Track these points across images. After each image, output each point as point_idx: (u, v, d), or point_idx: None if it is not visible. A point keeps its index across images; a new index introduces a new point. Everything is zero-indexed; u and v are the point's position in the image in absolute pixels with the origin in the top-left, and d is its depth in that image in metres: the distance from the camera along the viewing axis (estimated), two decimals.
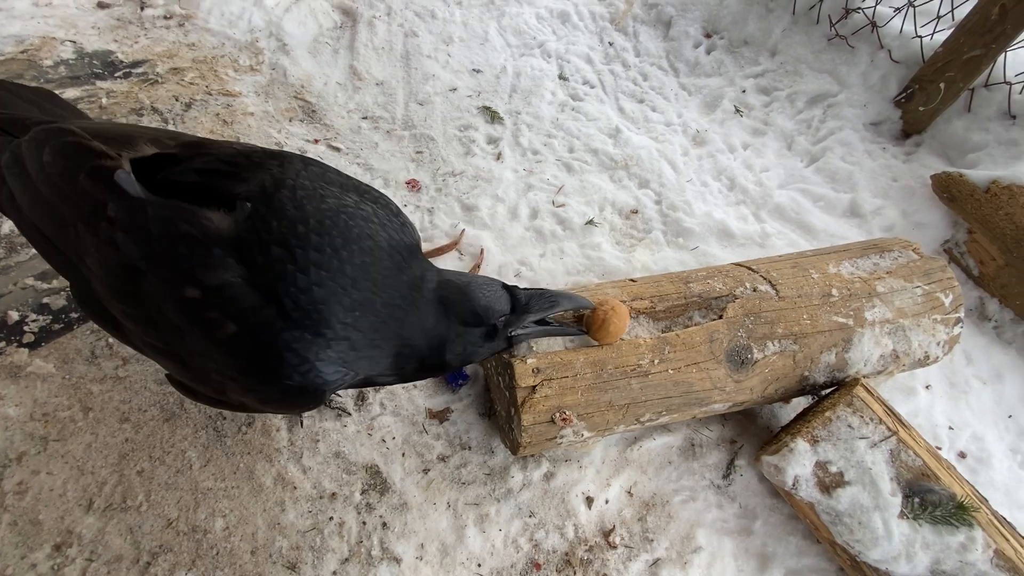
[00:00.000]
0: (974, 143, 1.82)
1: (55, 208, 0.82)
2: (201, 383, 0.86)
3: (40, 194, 0.82)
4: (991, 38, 1.67)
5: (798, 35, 2.16)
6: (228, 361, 0.78)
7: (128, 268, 0.77)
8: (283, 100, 1.96)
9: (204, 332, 0.76)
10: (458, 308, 0.94)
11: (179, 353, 0.81)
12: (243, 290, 0.76)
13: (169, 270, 0.76)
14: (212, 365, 0.80)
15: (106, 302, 0.83)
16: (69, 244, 0.82)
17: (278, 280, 0.77)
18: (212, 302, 0.75)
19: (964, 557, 1.08)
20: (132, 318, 0.81)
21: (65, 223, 0.81)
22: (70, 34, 1.97)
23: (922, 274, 1.38)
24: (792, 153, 2.02)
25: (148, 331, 0.81)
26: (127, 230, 0.76)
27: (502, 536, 1.23)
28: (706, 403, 1.23)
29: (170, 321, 0.77)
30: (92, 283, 0.83)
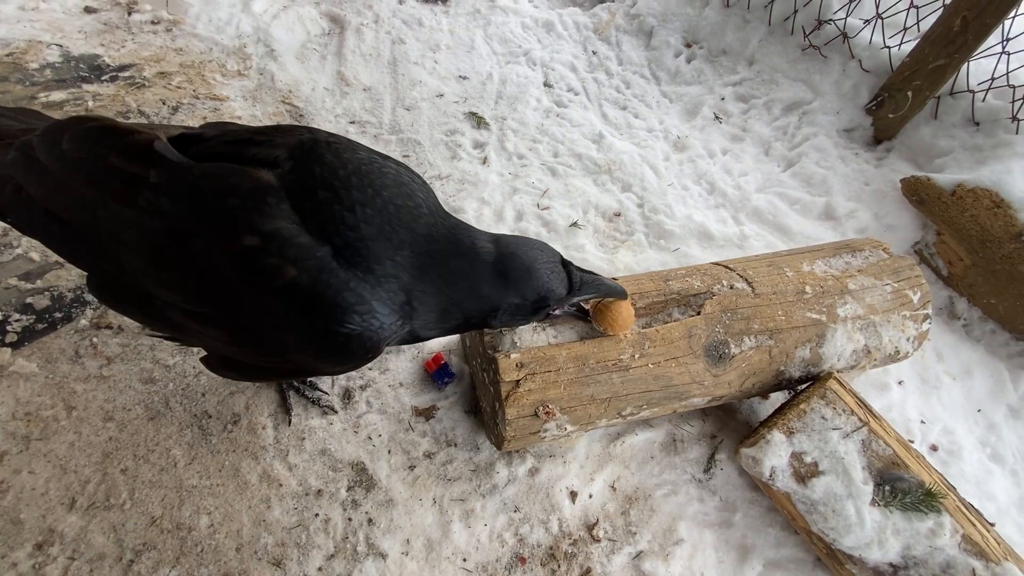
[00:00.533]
0: (941, 148, 1.90)
1: (78, 192, 0.82)
2: (256, 345, 0.85)
3: (60, 182, 0.83)
4: (954, 48, 1.75)
5: (774, 45, 2.24)
6: (288, 309, 0.79)
7: (175, 233, 0.78)
8: (271, 104, 1.98)
9: (263, 282, 0.77)
10: (521, 284, 0.94)
11: (232, 315, 0.81)
12: (299, 233, 0.78)
13: (224, 223, 0.77)
14: (270, 320, 0.80)
15: (144, 278, 0.83)
16: (96, 226, 0.82)
17: (327, 221, 0.79)
18: (271, 247, 0.76)
19: (933, 542, 1.11)
20: (176, 287, 0.81)
21: (91, 205, 0.81)
22: (56, 38, 1.97)
23: (891, 272, 1.43)
24: (769, 158, 2.08)
25: (196, 298, 0.81)
26: (174, 194, 0.78)
27: (487, 531, 1.25)
28: (686, 397, 1.26)
29: (223, 280, 0.78)
30: (126, 260, 0.82)
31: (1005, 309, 1.72)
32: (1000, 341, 1.75)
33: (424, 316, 0.90)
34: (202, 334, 0.88)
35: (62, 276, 1.40)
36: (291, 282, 0.77)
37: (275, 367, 0.92)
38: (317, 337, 0.82)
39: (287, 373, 0.98)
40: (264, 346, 0.85)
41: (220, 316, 0.82)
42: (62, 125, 0.86)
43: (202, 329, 0.85)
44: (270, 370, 0.95)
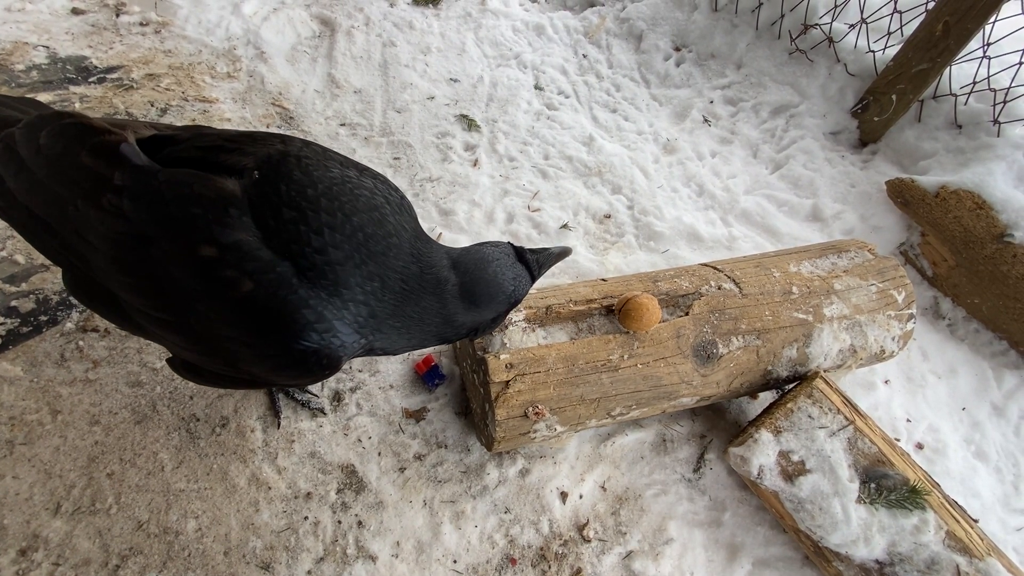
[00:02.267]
0: (924, 151, 1.93)
1: (52, 189, 0.81)
2: (212, 355, 0.84)
3: (36, 177, 0.82)
4: (936, 53, 1.78)
5: (761, 49, 2.27)
6: (244, 323, 0.78)
7: (136, 237, 0.77)
8: (261, 107, 1.97)
9: (220, 293, 0.76)
10: (492, 303, 0.94)
11: (189, 323, 0.80)
12: (259, 247, 0.76)
13: (183, 231, 0.76)
14: (226, 331, 0.79)
15: (108, 279, 0.82)
16: (67, 224, 0.81)
17: (292, 241, 0.78)
18: (229, 259, 0.75)
19: (918, 539, 1.13)
20: (138, 291, 0.80)
21: (63, 203, 0.80)
22: (43, 39, 1.96)
23: (876, 272, 1.45)
24: (757, 161, 2.11)
25: (155, 303, 0.80)
26: (136, 198, 0.77)
27: (478, 532, 1.25)
28: (674, 397, 1.27)
29: (182, 287, 0.77)
30: (93, 261, 0.82)
31: (988, 309, 1.75)
32: (984, 340, 1.78)
33: (397, 341, 0.90)
34: (163, 338, 0.87)
35: (47, 279, 1.39)
36: (248, 295, 0.76)
37: (234, 376, 0.90)
38: (273, 352, 0.81)
39: (245, 383, 0.97)
40: (219, 356, 0.83)
41: (178, 323, 0.81)
42: (43, 119, 0.84)
43: (163, 334, 0.84)
44: (229, 378, 0.93)
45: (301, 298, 0.78)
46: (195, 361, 0.91)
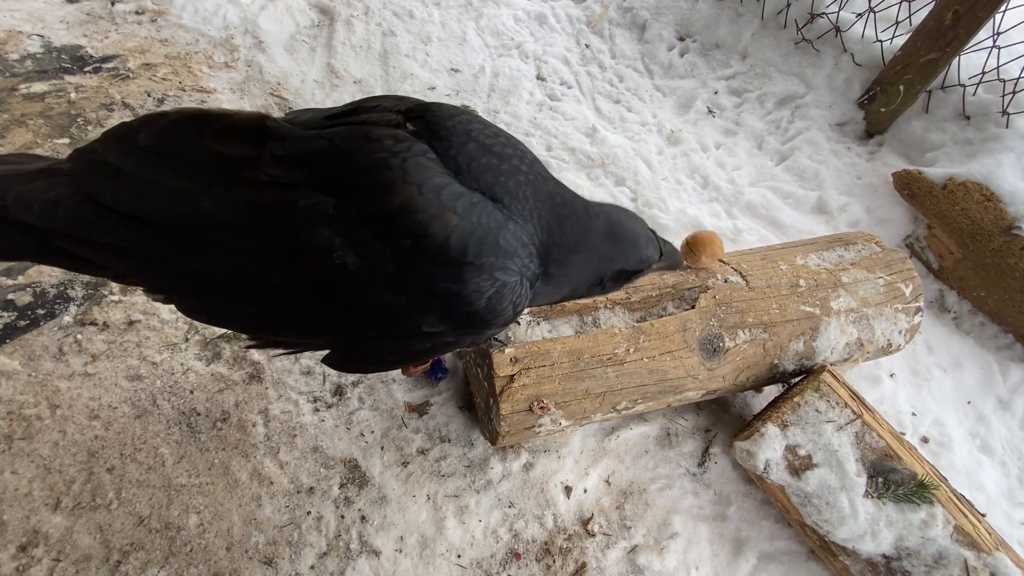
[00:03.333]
0: (932, 142, 1.91)
1: (170, 186, 0.73)
2: (400, 318, 0.79)
3: (145, 180, 0.73)
4: (945, 42, 1.76)
5: (767, 39, 2.23)
6: (449, 263, 0.75)
7: (306, 209, 0.71)
8: (259, 97, 1.94)
9: (423, 235, 0.73)
10: (629, 252, 0.94)
11: (373, 292, 0.76)
12: (452, 181, 0.75)
13: (375, 179, 0.72)
14: (420, 280, 0.76)
15: (258, 268, 0.74)
16: (196, 219, 0.73)
17: (479, 175, 0.78)
18: (430, 197, 0.73)
19: (926, 533, 1.12)
20: (305, 275, 0.74)
21: (190, 197, 0.72)
22: (37, 28, 1.92)
23: (884, 265, 1.44)
24: (762, 152, 2.08)
25: (326, 284, 0.75)
26: (306, 161, 0.72)
27: (482, 527, 1.24)
28: (680, 391, 1.26)
29: (370, 248, 0.73)
30: (239, 250, 0.74)
31: (994, 302, 1.74)
32: (989, 334, 1.77)
33: (552, 281, 0.89)
34: (323, 327, 0.82)
35: (44, 272, 1.37)
36: (455, 229, 0.73)
37: (404, 352, 0.88)
38: (475, 289, 0.78)
39: (414, 355, 0.92)
40: (412, 314, 0.79)
41: (354, 300, 0.77)
42: (130, 126, 0.77)
43: (327, 320, 0.80)
44: (399, 356, 0.90)
45: (503, 219, 0.78)
46: (357, 347, 0.86)
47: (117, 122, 1.71)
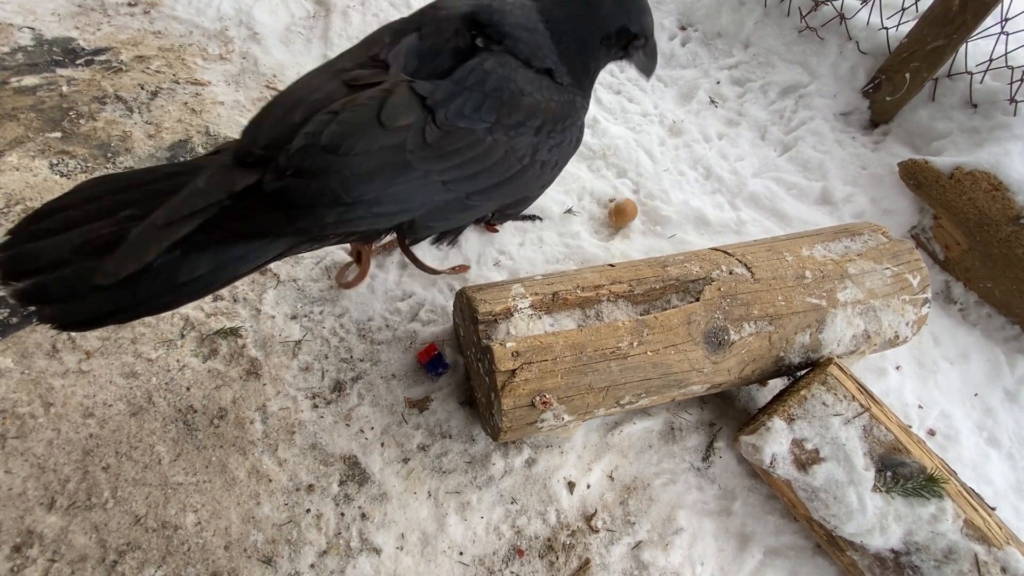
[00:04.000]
0: (938, 131, 1.88)
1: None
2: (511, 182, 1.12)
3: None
4: (952, 29, 1.72)
5: (770, 27, 2.20)
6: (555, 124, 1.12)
7: None
8: (254, 89, 1.91)
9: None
10: (633, 8, 1.19)
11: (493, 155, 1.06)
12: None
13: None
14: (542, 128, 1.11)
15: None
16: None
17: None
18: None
19: (935, 528, 1.10)
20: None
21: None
22: (28, 20, 1.89)
23: (891, 256, 1.41)
24: (765, 143, 2.05)
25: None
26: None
27: (484, 523, 1.22)
28: (685, 385, 1.24)
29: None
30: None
31: (1001, 293, 1.72)
32: (996, 325, 1.75)
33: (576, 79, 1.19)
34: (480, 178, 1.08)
35: None
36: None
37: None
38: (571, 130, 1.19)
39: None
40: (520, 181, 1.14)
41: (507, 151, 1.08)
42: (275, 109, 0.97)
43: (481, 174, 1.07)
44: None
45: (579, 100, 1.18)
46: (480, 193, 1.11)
47: (110, 115, 1.68)
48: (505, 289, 1.20)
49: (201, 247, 0.83)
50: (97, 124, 1.67)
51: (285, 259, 1.48)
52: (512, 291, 1.19)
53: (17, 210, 1.43)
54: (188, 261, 0.82)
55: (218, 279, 0.86)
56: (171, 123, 1.73)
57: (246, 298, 1.42)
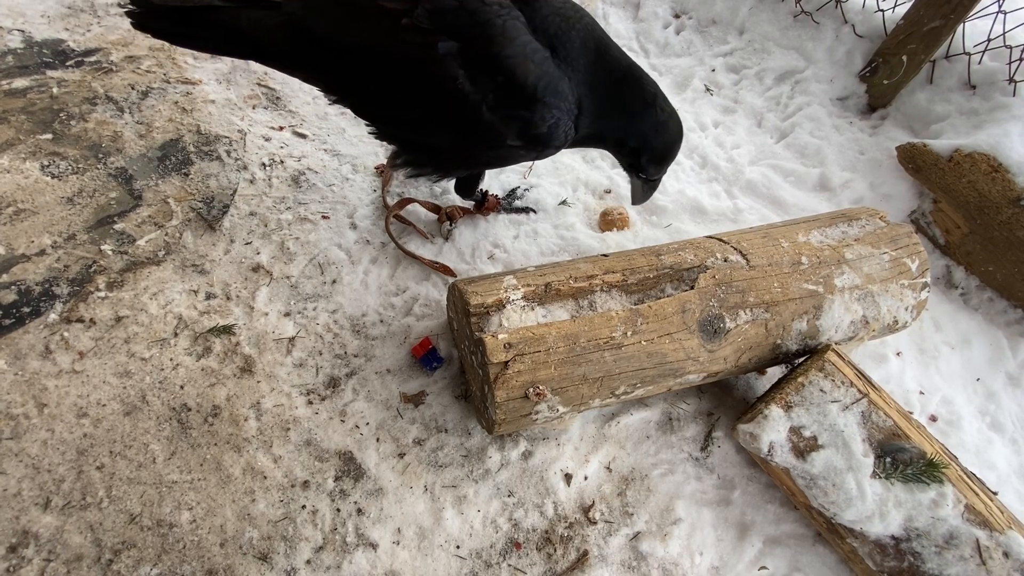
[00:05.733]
0: (937, 114, 1.85)
1: (355, 27, 1.12)
2: (492, 131, 1.16)
3: (337, 21, 1.12)
4: (949, 9, 1.70)
5: (764, 13, 2.17)
6: (515, 94, 1.12)
7: (442, 49, 1.08)
8: (246, 87, 1.90)
9: (507, 72, 1.10)
10: (658, 145, 1.29)
11: (478, 111, 1.13)
12: (533, 40, 1.12)
13: (483, 31, 1.08)
14: (506, 106, 1.14)
15: (404, 87, 1.14)
16: (368, 49, 1.12)
17: (551, 36, 1.15)
18: (516, 48, 1.09)
19: (936, 513, 1.09)
20: (436, 93, 1.12)
21: (364, 34, 1.12)
22: (18, 23, 1.89)
23: (889, 240, 1.40)
24: (762, 130, 2.03)
25: (449, 101, 1.13)
26: (442, 13, 1.07)
27: (481, 517, 1.22)
28: (681, 374, 1.23)
29: (478, 80, 1.10)
30: (387, 77, 1.14)
31: (1003, 276, 1.69)
32: (998, 309, 1.72)
33: (584, 122, 1.23)
34: (443, 131, 1.20)
35: (29, 269, 1.35)
36: (531, 73, 1.10)
37: (495, 157, 1.29)
38: (535, 123, 1.15)
39: (501, 160, 1.34)
40: (495, 135, 1.17)
41: (449, 110, 1.14)
42: None
43: (445, 125, 1.18)
44: (489, 160, 1.32)
45: (560, 73, 1.14)
46: (453, 150, 1.26)
47: (101, 115, 1.68)
48: (497, 281, 1.19)
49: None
50: (88, 125, 1.66)
51: (277, 258, 1.48)
52: (504, 283, 1.18)
53: (8, 212, 1.43)
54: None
55: None
56: (162, 122, 1.72)
57: (239, 296, 1.42)
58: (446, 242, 1.60)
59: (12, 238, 1.39)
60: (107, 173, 1.56)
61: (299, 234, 1.55)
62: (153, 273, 1.41)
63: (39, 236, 1.41)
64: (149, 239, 1.47)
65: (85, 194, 1.51)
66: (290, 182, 1.67)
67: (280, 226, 1.56)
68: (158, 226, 1.49)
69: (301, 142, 1.79)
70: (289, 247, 1.52)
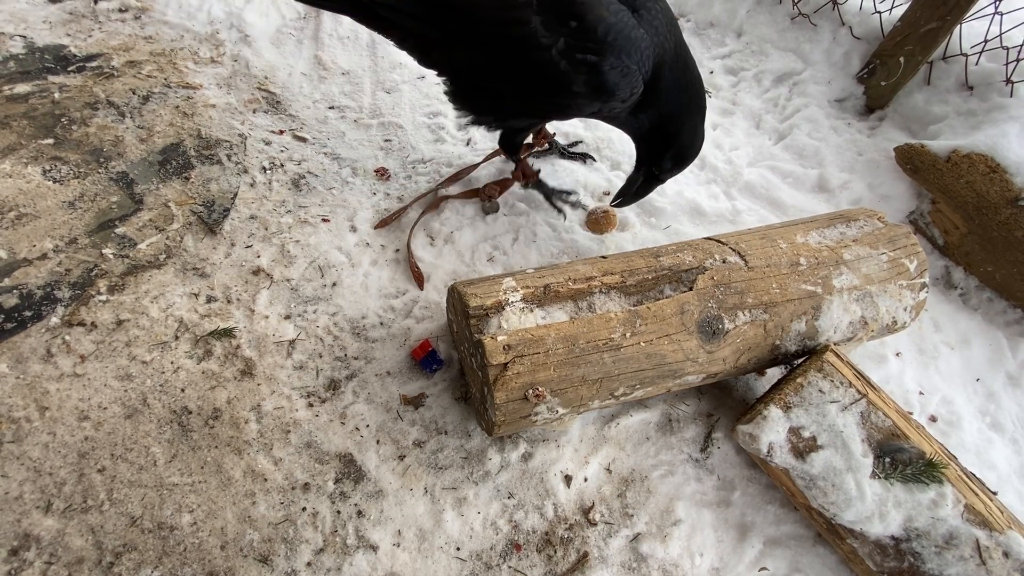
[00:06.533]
0: (935, 115, 1.86)
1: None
2: (562, 76, 1.20)
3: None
4: (946, 10, 1.70)
5: (762, 15, 2.18)
6: (595, 37, 1.16)
7: (523, 3, 1.16)
8: (246, 91, 1.91)
9: (582, 18, 1.15)
10: (677, 142, 1.38)
11: (549, 54, 1.18)
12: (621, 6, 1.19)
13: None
14: (576, 51, 1.18)
15: (491, 35, 1.21)
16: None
17: (638, 4, 1.21)
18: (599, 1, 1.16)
19: (935, 513, 1.09)
20: (515, 38, 1.19)
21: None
22: (20, 29, 1.90)
23: (887, 241, 1.40)
24: (760, 131, 2.04)
25: (526, 46, 1.18)
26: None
27: (481, 519, 1.22)
28: (680, 375, 1.23)
29: (552, 26, 1.16)
30: (479, 26, 1.21)
31: (1002, 276, 1.70)
32: (997, 309, 1.73)
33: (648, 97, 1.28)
34: (518, 76, 1.25)
35: (31, 273, 1.35)
36: (602, 19, 1.15)
37: (560, 104, 1.30)
38: (602, 69, 1.18)
39: (564, 109, 1.34)
40: (561, 80, 1.20)
41: (538, 66, 1.20)
42: None
43: (520, 69, 1.23)
44: (555, 107, 1.33)
45: (635, 25, 1.18)
46: (509, 90, 1.31)
47: (102, 120, 1.69)
48: (496, 283, 1.19)
49: None
50: (89, 130, 1.67)
51: (277, 261, 1.49)
52: (503, 284, 1.19)
53: (10, 216, 1.44)
54: None
55: None
56: (163, 127, 1.73)
57: (240, 299, 1.42)
58: (494, 217, 1.68)
59: (14, 242, 1.40)
60: (108, 177, 1.57)
61: (299, 237, 1.56)
62: (154, 276, 1.42)
63: (41, 240, 1.41)
64: (150, 243, 1.47)
65: (86, 198, 1.52)
66: (290, 185, 1.68)
67: (280, 229, 1.57)
68: (159, 230, 1.50)
69: (301, 146, 1.80)
70: (289, 250, 1.53)
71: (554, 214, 1.67)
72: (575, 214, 1.74)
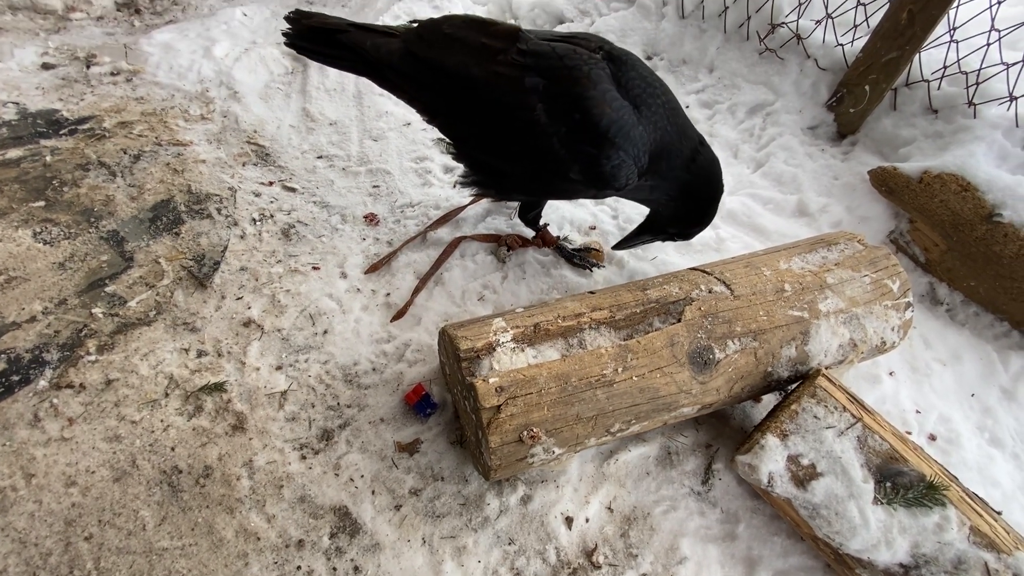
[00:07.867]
0: (903, 138, 1.92)
1: (456, 57, 1.27)
2: (560, 163, 1.28)
3: (444, 48, 1.28)
4: (904, 41, 1.79)
5: (731, 51, 2.28)
6: (593, 137, 1.23)
7: (528, 83, 1.22)
8: (235, 146, 1.96)
9: (587, 112, 1.21)
10: (694, 214, 1.46)
11: (549, 141, 1.25)
12: (614, 91, 1.24)
13: (571, 75, 1.22)
14: (576, 141, 1.25)
15: (491, 112, 1.27)
16: (466, 76, 1.26)
17: (633, 92, 1.26)
18: (598, 92, 1.22)
19: (941, 537, 1.07)
20: (517, 120, 1.26)
21: (466, 63, 1.26)
22: (13, 96, 1.95)
23: (868, 263, 1.43)
24: (738, 160, 2.10)
25: (526, 130, 1.25)
26: (536, 56, 1.23)
27: (481, 568, 1.19)
28: (674, 408, 1.22)
29: (555, 115, 1.23)
30: (477, 102, 1.28)
31: (986, 291, 1.72)
32: (985, 323, 1.75)
33: (646, 181, 1.36)
34: (517, 157, 1.32)
35: (19, 337, 1.35)
36: (605, 115, 1.21)
37: (557, 188, 1.38)
38: (600, 161, 1.24)
39: (561, 192, 1.44)
40: (559, 167, 1.28)
41: (530, 142, 1.26)
42: (437, 21, 1.33)
43: (519, 151, 1.30)
44: (552, 189, 1.42)
45: (635, 123, 1.25)
46: (527, 179, 1.37)
47: (93, 180, 1.72)
48: (486, 324, 1.20)
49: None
50: (80, 190, 1.70)
51: (268, 312, 1.49)
52: (493, 325, 1.19)
53: (0, 280, 1.44)
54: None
55: None
56: (153, 184, 1.76)
57: (230, 352, 1.42)
58: (504, 264, 1.70)
59: (3, 306, 1.40)
60: (99, 236, 1.59)
61: (290, 286, 1.57)
62: (144, 334, 1.41)
63: (30, 303, 1.41)
64: (140, 300, 1.48)
65: (76, 258, 1.53)
66: (280, 235, 1.70)
67: (271, 279, 1.58)
68: (149, 286, 1.51)
69: (291, 195, 1.83)
70: (280, 300, 1.54)
71: (576, 270, 1.72)
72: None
